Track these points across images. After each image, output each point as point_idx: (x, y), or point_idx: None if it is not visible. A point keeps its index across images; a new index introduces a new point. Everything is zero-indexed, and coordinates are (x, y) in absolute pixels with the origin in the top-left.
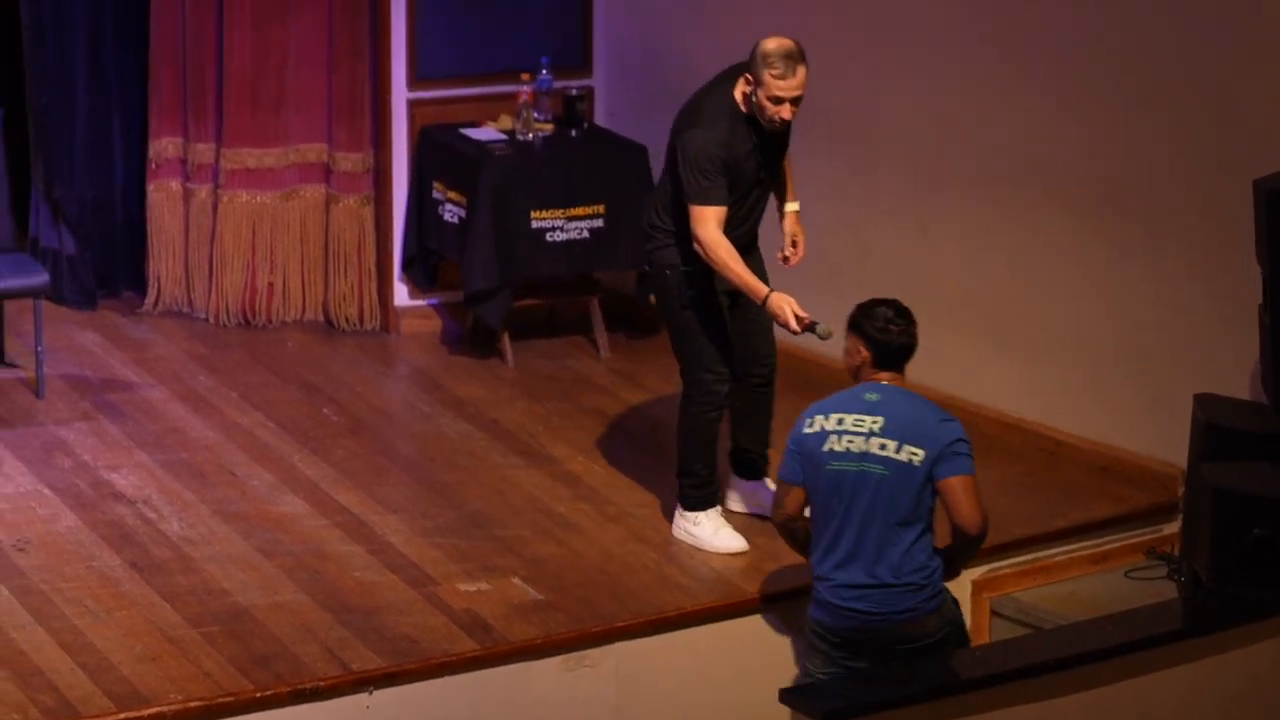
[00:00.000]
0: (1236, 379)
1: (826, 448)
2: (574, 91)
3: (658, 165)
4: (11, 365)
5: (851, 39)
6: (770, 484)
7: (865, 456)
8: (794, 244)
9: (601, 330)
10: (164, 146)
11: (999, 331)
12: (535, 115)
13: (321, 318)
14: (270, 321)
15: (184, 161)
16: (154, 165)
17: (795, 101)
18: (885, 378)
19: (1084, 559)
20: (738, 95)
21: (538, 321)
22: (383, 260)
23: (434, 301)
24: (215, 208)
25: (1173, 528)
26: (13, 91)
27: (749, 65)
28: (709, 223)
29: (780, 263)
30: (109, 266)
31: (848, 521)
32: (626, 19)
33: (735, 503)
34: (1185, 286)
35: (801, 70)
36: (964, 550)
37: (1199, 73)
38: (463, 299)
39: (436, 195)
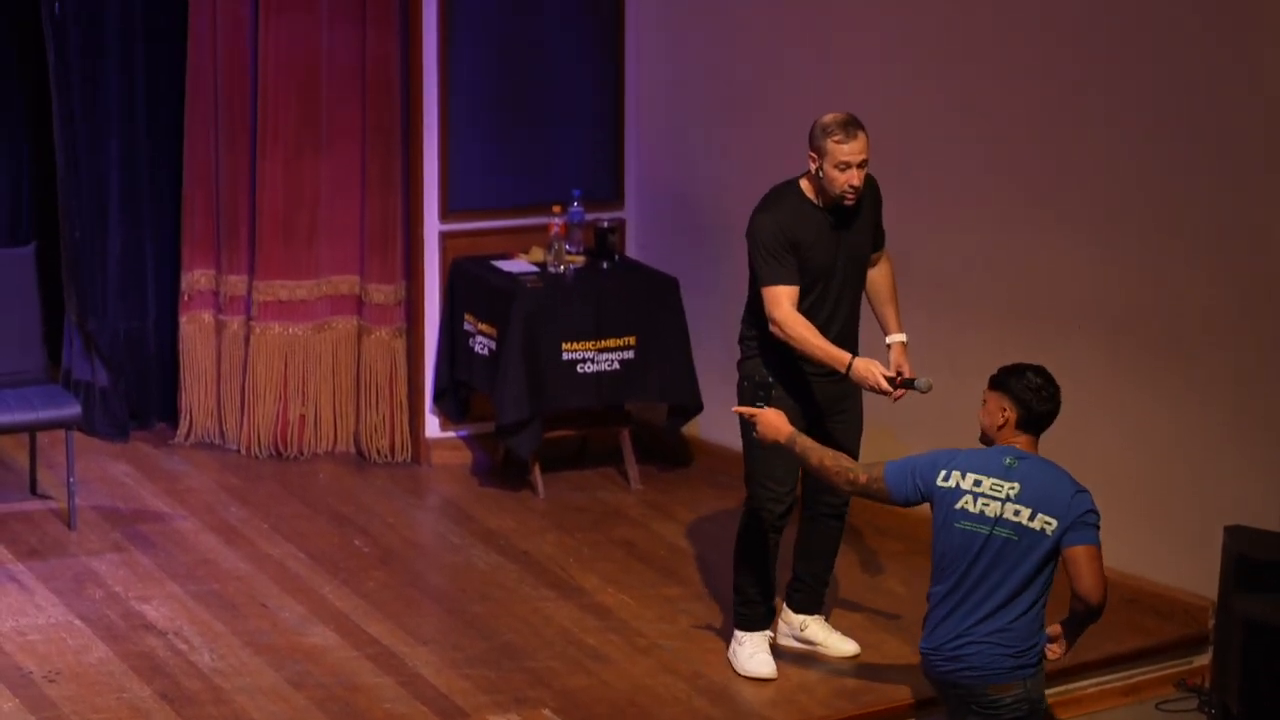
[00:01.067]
0: (1267, 511)
1: (959, 506)
2: (605, 224)
3: (689, 297)
4: (44, 497)
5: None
6: (820, 619)
7: (999, 521)
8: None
9: (632, 462)
10: (196, 279)
11: None
12: (567, 247)
13: (353, 449)
14: (302, 453)
15: (216, 293)
16: (186, 297)
17: (862, 165)
18: (1023, 442)
19: (1115, 691)
20: (803, 182)
21: (569, 453)
22: (414, 392)
23: (465, 433)
24: (247, 339)
25: (1203, 660)
26: (46, 224)
27: (811, 144)
28: (781, 302)
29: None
30: (141, 398)
31: (967, 578)
32: (658, 152)
33: (783, 636)
34: (1213, 417)
35: (862, 135)
36: (1085, 621)
37: (1223, 200)
38: (494, 430)
39: (468, 327)
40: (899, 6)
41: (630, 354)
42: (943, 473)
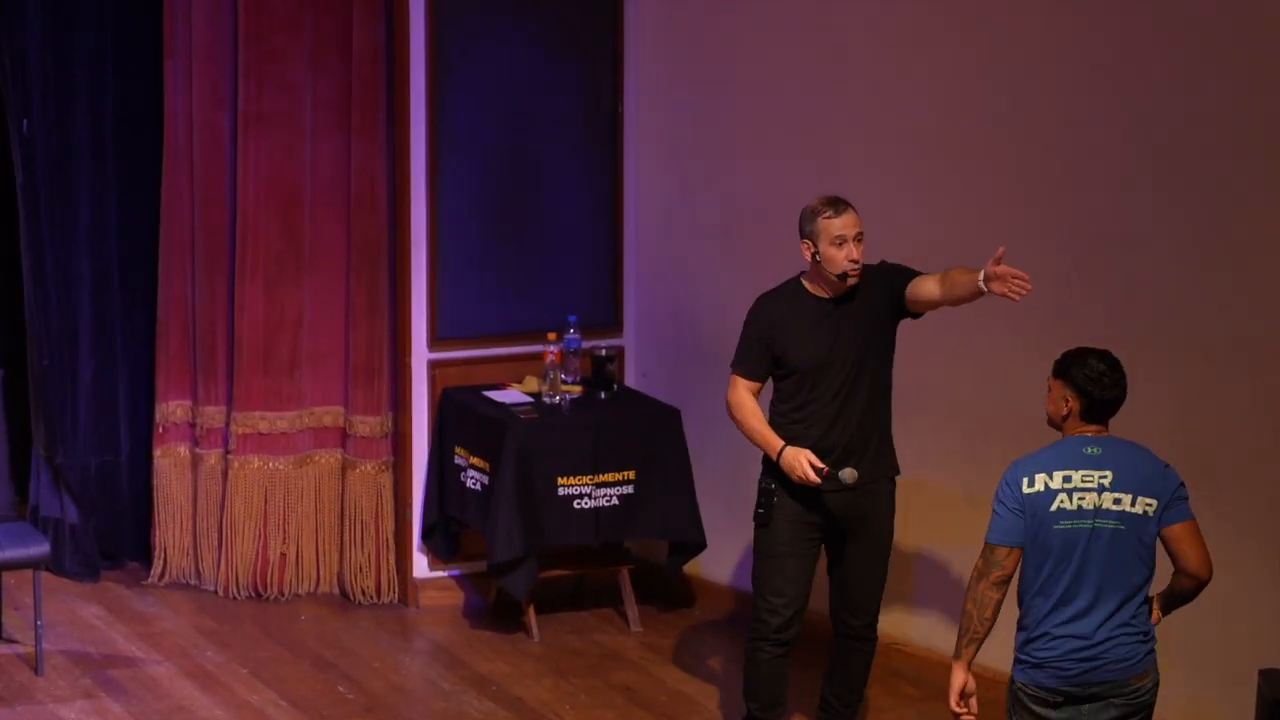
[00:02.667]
0: None
1: (1055, 507)
2: (603, 352)
3: (692, 427)
4: (10, 640)
5: None
6: None
7: (1099, 513)
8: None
9: (632, 602)
10: (171, 410)
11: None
12: (563, 377)
13: (337, 590)
14: (283, 594)
15: (193, 425)
16: (161, 429)
17: (858, 240)
18: (1093, 430)
19: None
20: (803, 278)
21: (565, 593)
22: (401, 529)
23: (455, 573)
24: (225, 474)
25: None
26: (14, 352)
27: (801, 233)
28: (736, 387)
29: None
30: (113, 536)
31: (1083, 577)
32: (658, 276)
33: None
34: (1247, 556)
35: (851, 211)
36: (1189, 597)
37: (1254, 324)
38: (486, 570)
39: (459, 461)
40: (906, 122)
41: (630, 489)
42: (1025, 480)
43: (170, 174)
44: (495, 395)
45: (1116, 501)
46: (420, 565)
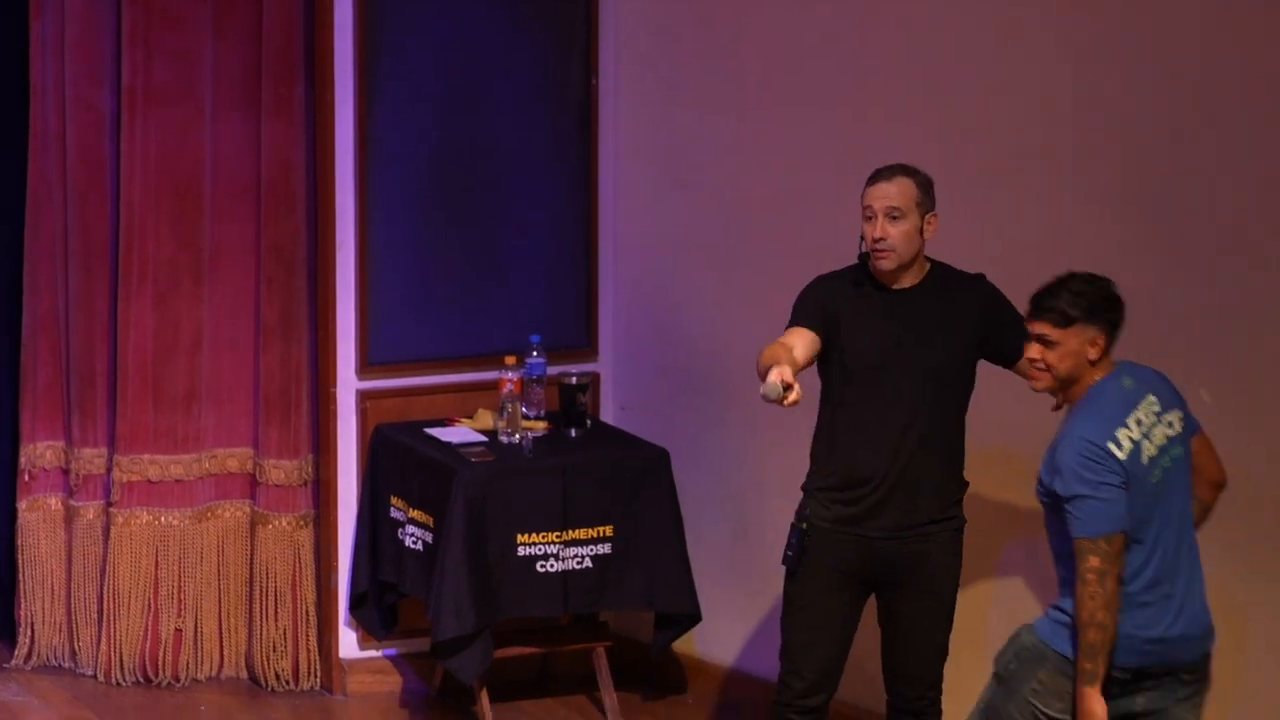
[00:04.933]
0: None
1: (1145, 459)
2: (573, 380)
3: (682, 474)
4: None
5: None
6: None
7: (1170, 443)
8: None
9: (609, 688)
10: (40, 452)
11: None
12: (524, 410)
13: (245, 674)
14: (178, 680)
15: (66, 471)
16: (26, 476)
17: (891, 216)
18: (1108, 362)
19: None
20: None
21: (527, 677)
22: (324, 598)
23: (391, 652)
24: (107, 531)
25: None
26: None
27: None
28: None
29: None
30: None
31: (1164, 529)
32: (640, 289)
33: None
34: None
35: (902, 180)
36: (1207, 514)
37: None
38: (429, 649)
39: (396, 514)
40: (952, 107)
41: (606, 548)
42: (1108, 445)
43: (37, 162)
44: (440, 434)
45: (1170, 425)
46: (348, 643)
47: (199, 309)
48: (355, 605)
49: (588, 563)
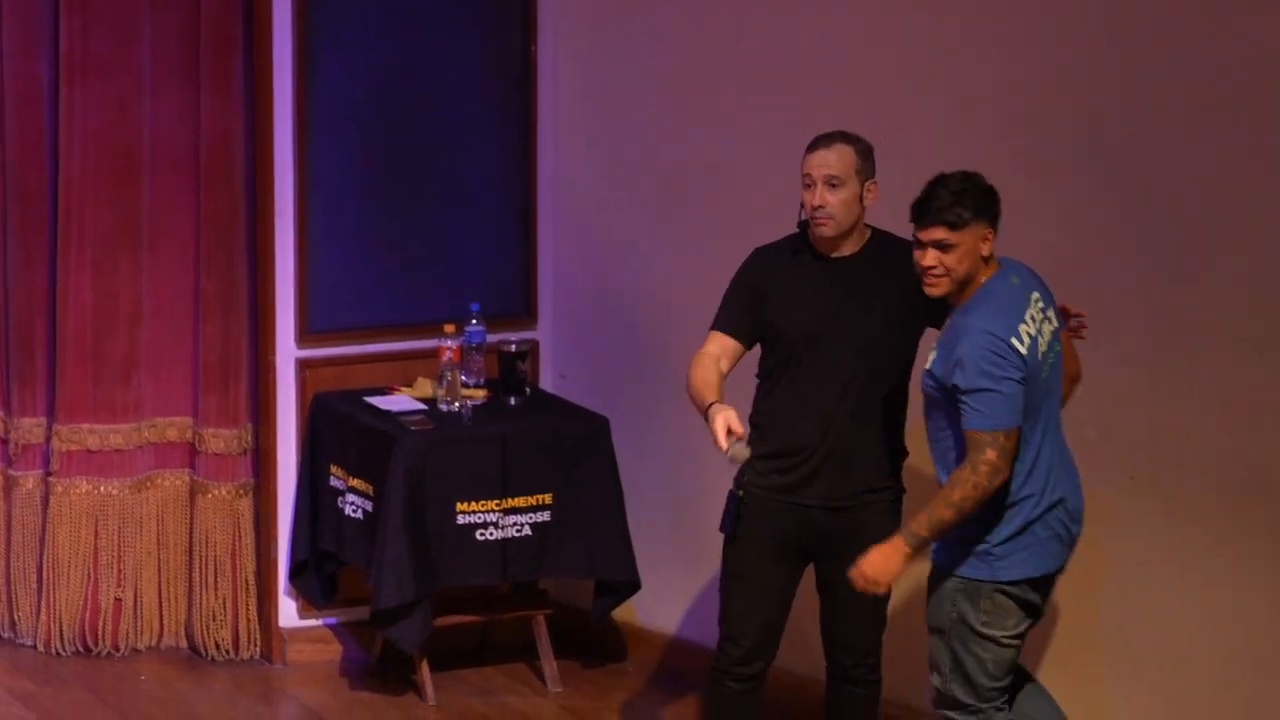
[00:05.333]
0: None
1: (1039, 355)
2: (513, 348)
3: (622, 442)
4: None
5: None
6: None
7: (1053, 338)
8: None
9: (549, 656)
10: None
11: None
12: (463, 378)
13: (185, 643)
14: (118, 649)
15: (4, 442)
16: None
17: (830, 184)
18: (994, 258)
19: None
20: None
21: (467, 646)
22: (264, 568)
23: (331, 621)
24: (45, 501)
25: None
26: None
27: None
28: (705, 343)
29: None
30: None
31: (1050, 422)
32: (581, 256)
33: None
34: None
35: (841, 147)
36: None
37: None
38: (369, 617)
39: (335, 483)
40: (904, 70)
41: (545, 516)
42: (1012, 340)
43: None
44: (380, 402)
45: (1050, 320)
46: (288, 612)
47: (138, 279)
48: (295, 574)
49: (527, 531)
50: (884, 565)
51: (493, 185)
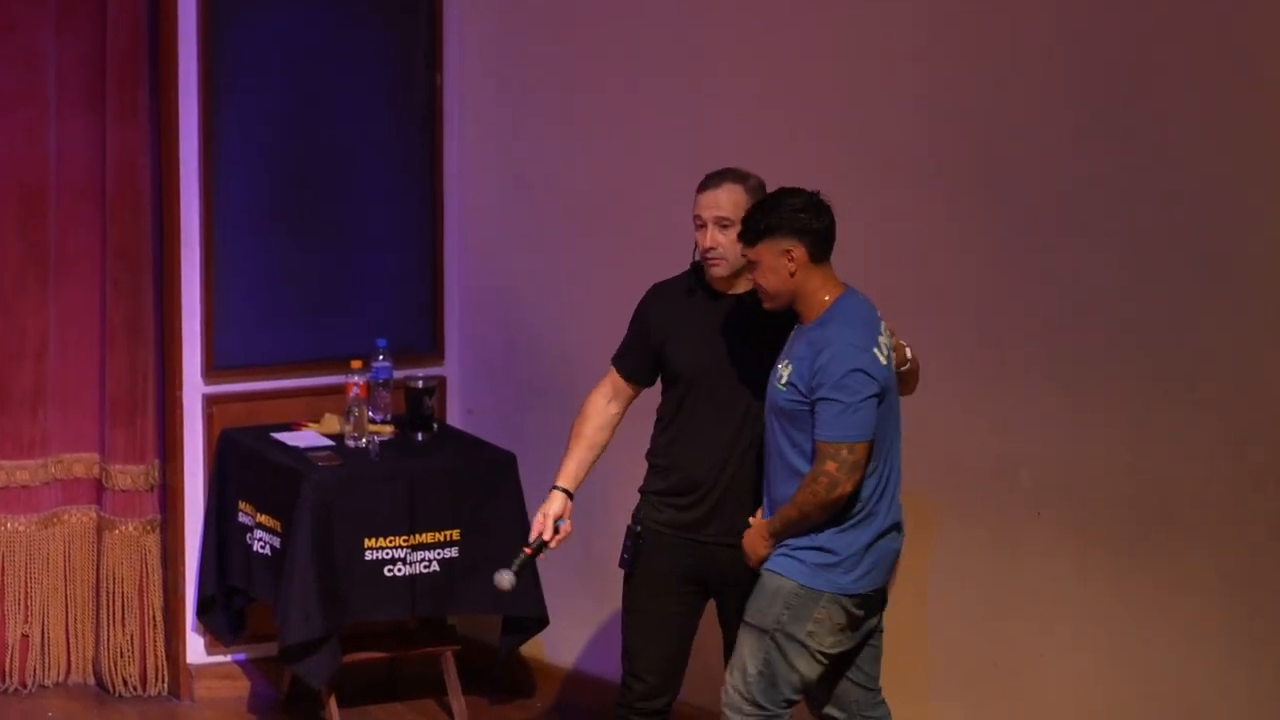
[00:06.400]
0: None
1: (890, 372)
2: (420, 383)
3: (529, 478)
4: None
5: None
6: None
7: (892, 358)
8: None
9: (457, 692)
10: None
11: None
12: (370, 414)
13: (92, 680)
14: (24, 686)
15: None
16: None
17: (721, 225)
18: (828, 278)
19: None
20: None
21: (376, 681)
22: (172, 604)
23: (239, 657)
24: None
25: None
26: None
27: None
28: (604, 379)
29: None
30: None
31: (894, 439)
32: (488, 291)
33: None
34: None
35: (731, 187)
36: None
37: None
38: (277, 653)
39: (243, 519)
40: (809, 98)
41: (453, 552)
42: (872, 354)
43: None
44: (287, 438)
45: (891, 349)
46: (195, 648)
47: (44, 312)
48: (202, 610)
49: (435, 566)
50: (751, 545)
51: (400, 219)
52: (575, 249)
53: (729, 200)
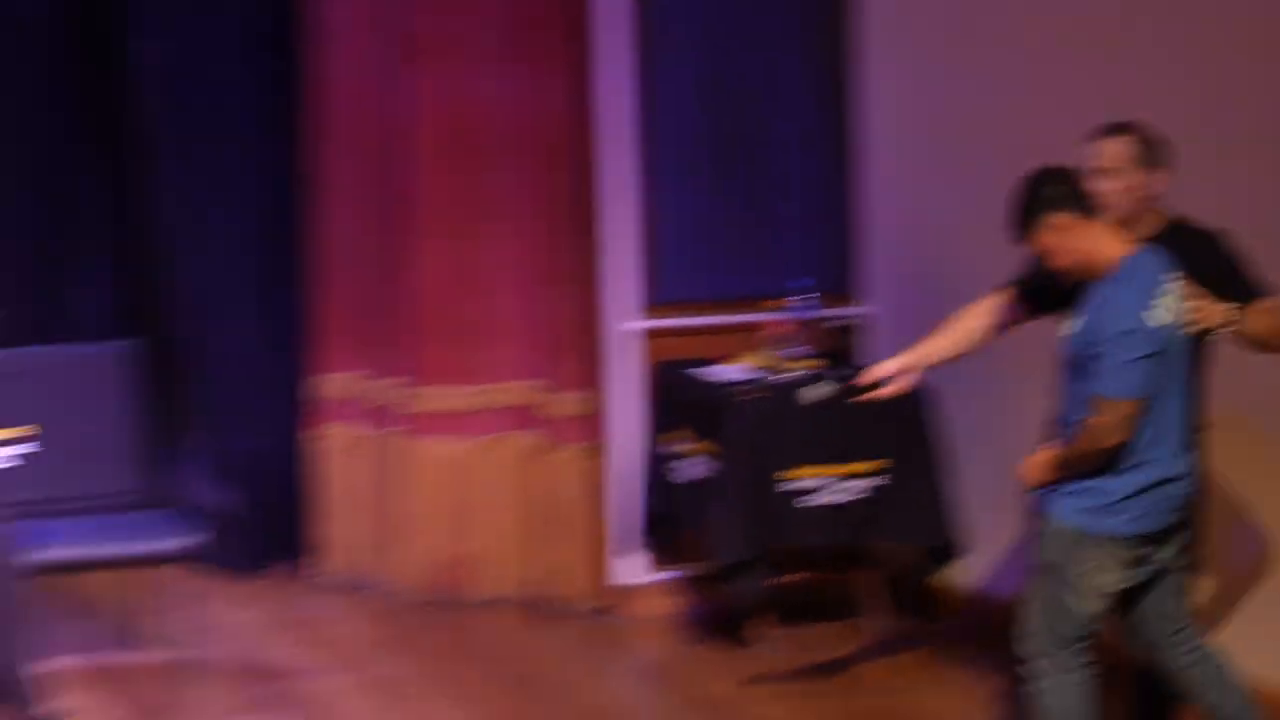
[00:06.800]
0: None
1: (1172, 330)
2: (842, 321)
3: (948, 408)
4: (153, 648)
5: None
6: None
7: (1172, 322)
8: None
9: (878, 614)
10: (333, 384)
11: None
12: (795, 350)
13: (523, 597)
14: (469, 599)
15: (359, 402)
16: (325, 406)
17: (1110, 174)
18: (1110, 233)
19: None
20: None
21: (802, 602)
22: (606, 526)
23: (671, 577)
24: (399, 459)
25: None
26: (155, 321)
27: None
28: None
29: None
30: (270, 529)
31: (1173, 401)
32: (907, 229)
33: None
34: None
35: (1122, 139)
36: None
37: None
38: (706, 574)
39: (674, 448)
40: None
41: (877, 482)
42: (1149, 314)
43: (330, 104)
44: (716, 372)
45: (1178, 295)
46: (629, 568)
47: (492, 251)
48: (636, 532)
49: (858, 496)
50: (1028, 469)
51: (817, 165)
52: (991, 188)
53: (1111, 152)
